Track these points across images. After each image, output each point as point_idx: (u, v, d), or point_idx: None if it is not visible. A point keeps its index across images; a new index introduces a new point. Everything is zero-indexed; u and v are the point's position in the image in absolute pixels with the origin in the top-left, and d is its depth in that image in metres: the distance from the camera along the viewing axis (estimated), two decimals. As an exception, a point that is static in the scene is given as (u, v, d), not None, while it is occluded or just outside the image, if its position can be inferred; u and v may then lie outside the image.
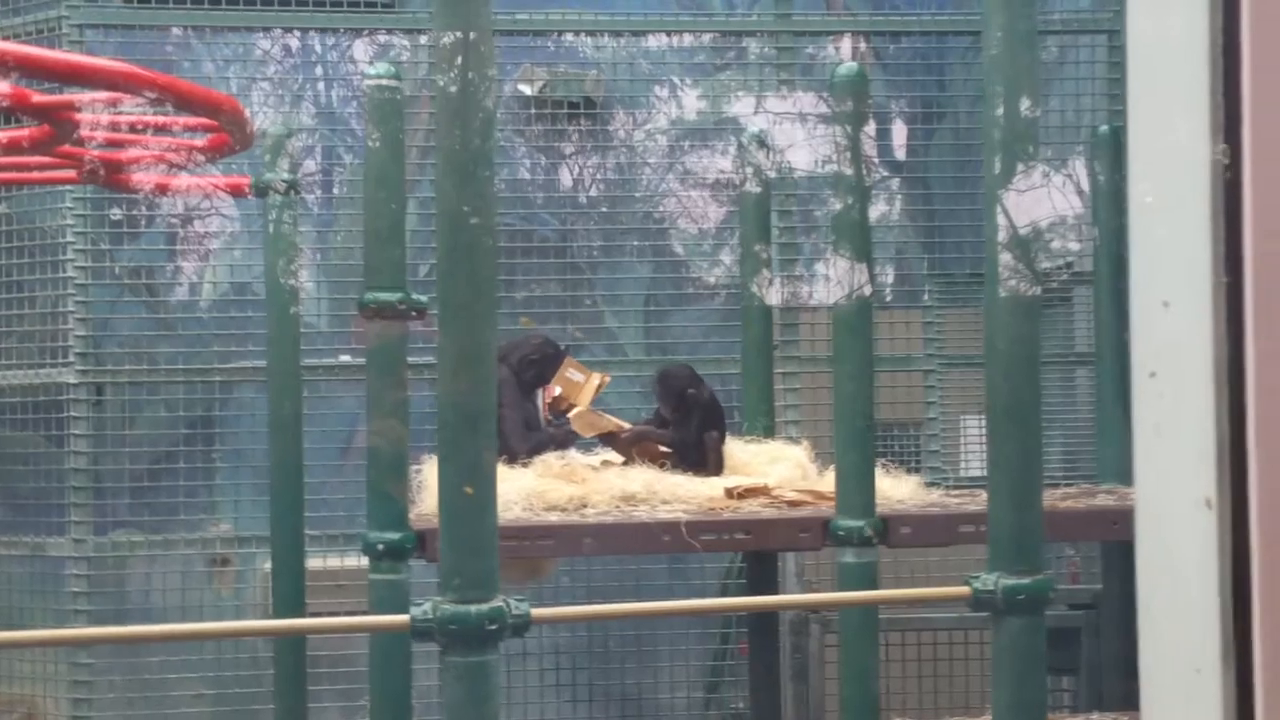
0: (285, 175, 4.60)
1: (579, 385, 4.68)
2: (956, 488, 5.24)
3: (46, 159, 3.87)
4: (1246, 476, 1.47)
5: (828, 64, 6.32)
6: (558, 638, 5.94)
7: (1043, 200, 3.23)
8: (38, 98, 3.24)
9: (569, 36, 6.49)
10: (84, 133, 3.55)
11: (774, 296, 5.49)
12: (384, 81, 3.86)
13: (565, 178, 6.53)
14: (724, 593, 5.95)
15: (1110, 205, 4.90)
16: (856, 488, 3.93)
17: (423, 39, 6.19)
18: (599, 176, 6.53)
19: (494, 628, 2.63)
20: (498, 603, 2.64)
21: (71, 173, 4.18)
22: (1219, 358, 1.50)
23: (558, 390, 4.70)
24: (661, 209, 6.49)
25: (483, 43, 2.70)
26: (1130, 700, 4.56)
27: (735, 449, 4.71)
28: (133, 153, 3.95)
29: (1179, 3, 1.55)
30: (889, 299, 6.53)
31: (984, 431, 3.26)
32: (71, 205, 5.78)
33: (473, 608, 2.61)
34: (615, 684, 6.02)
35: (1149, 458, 1.63)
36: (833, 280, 4.07)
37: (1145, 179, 1.63)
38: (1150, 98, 1.63)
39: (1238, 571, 1.48)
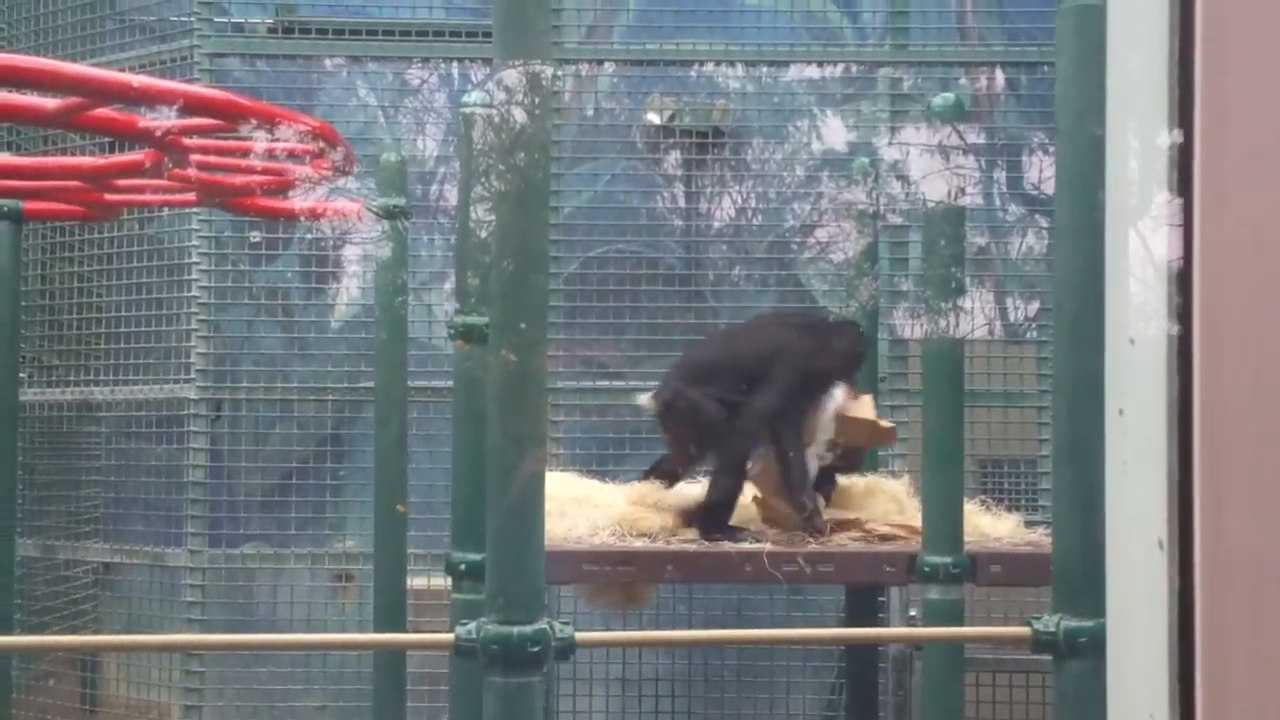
0: (397, 201, 4.73)
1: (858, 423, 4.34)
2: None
3: (164, 182, 4.05)
4: (1193, 519, 1.45)
5: (962, 94, 6.24)
6: (657, 664, 5.93)
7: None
8: (143, 123, 3.40)
9: (706, 66, 6.53)
10: (194, 157, 3.70)
11: (914, 330, 5.46)
12: (479, 110, 3.95)
13: (692, 206, 6.57)
14: (839, 625, 5.89)
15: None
16: (944, 523, 3.90)
17: (568, 68, 6.30)
18: (726, 205, 6.55)
19: (536, 650, 2.67)
20: (541, 625, 2.69)
21: (191, 195, 4.37)
22: (1172, 396, 1.48)
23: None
24: (786, 238, 6.49)
25: (542, 73, 2.76)
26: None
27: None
28: (235, 177, 4.11)
29: (1141, 47, 1.55)
30: (1026, 333, 6.42)
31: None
32: (197, 227, 6.01)
33: (515, 629, 2.66)
34: (728, 713, 6.00)
35: (1116, 496, 1.61)
36: (930, 312, 4.05)
37: (1112, 215, 1.63)
38: (1120, 126, 1.62)
39: (1184, 615, 1.46)
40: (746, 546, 3.99)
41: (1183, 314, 1.46)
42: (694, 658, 6.00)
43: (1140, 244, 1.54)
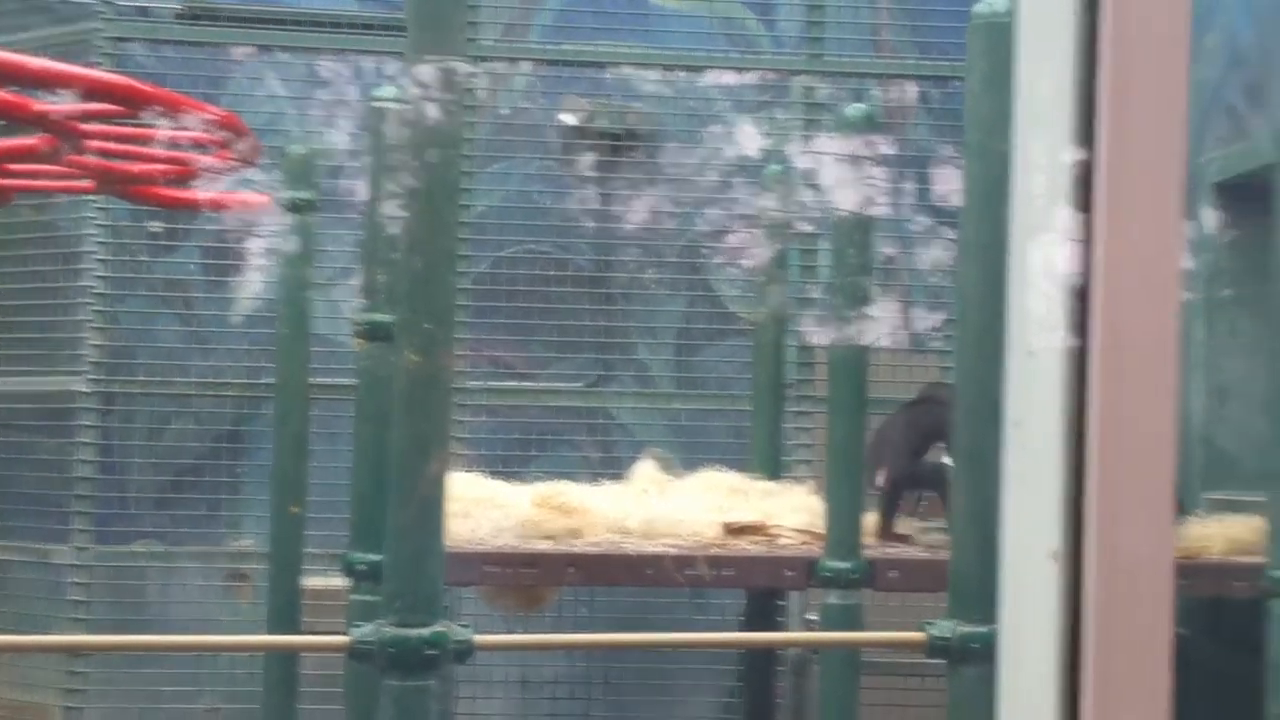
0: (304, 194, 4.66)
1: None
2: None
3: (62, 168, 3.96)
4: (1086, 531, 1.46)
5: (874, 106, 6.30)
6: (556, 668, 5.92)
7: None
8: (39, 106, 3.32)
9: (623, 69, 6.52)
10: (93, 144, 3.63)
11: (793, 335, 5.50)
12: (391, 105, 3.91)
13: (605, 208, 6.56)
14: (738, 629, 5.92)
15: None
16: (844, 529, 3.92)
17: (484, 66, 6.25)
18: (639, 208, 6.55)
19: (434, 653, 2.65)
20: (440, 627, 2.66)
21: (89, 182, 4.28)
22: (1069, 409, 1.49)
23: None
24: (700, 243, 6.50)
25: (456, 70, 2.74)
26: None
27: (737, 484, 4.70)
28: (136, 165, 4.03)
29: (1048, 67, 1.57)
30: (927, 343, 6.48)
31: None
32: (95, 215, 5.89)
33: (413, 631, 2.63)
34: (619, 716, 6.00)
35: (1010, 508, 1.62)
36: (839, 321, 4.07)
37: (1018, 223, 1.64)
38: (1025, 141, 1.64)
39: (1075, 627, 1.47)
40: (650, 550, 3.99)
41: (1081, 327, 1.47)
42: (594, 661, 5.99)
43: (1042, 258, 1.56)
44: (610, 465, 5.82)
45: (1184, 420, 4.32)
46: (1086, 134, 1.52)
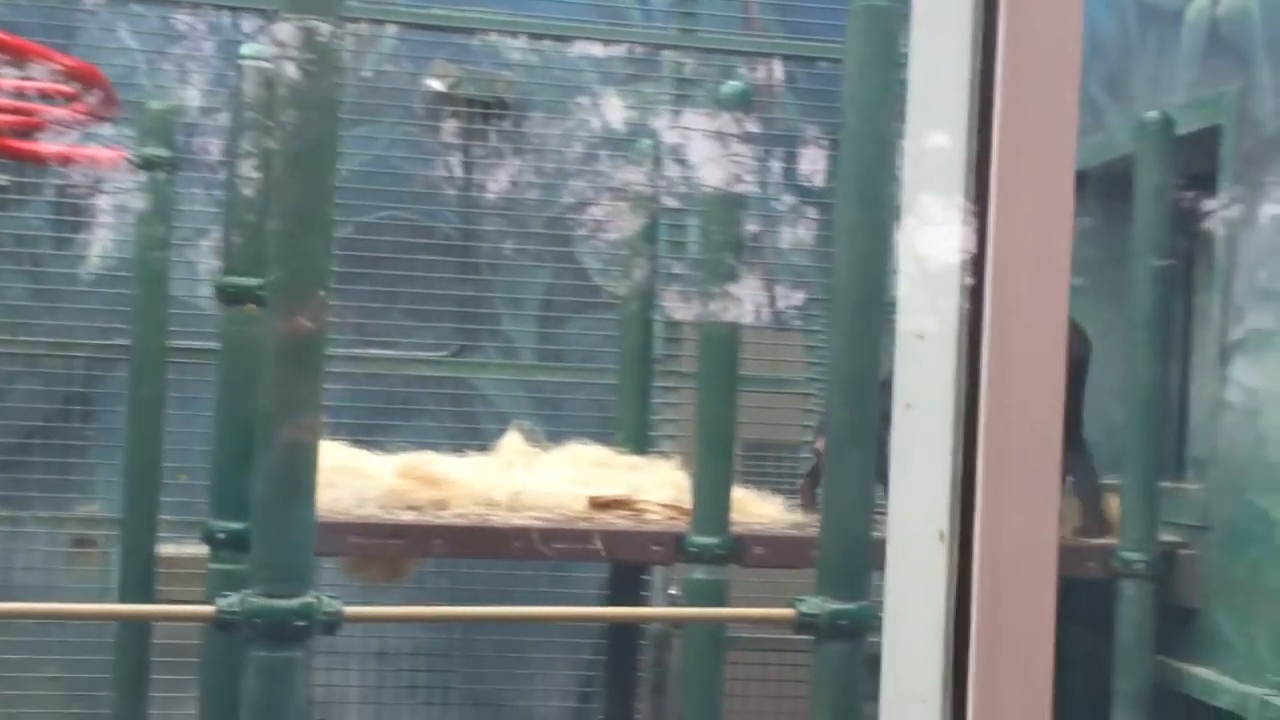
0: (160, 151, 4.53)
1: None
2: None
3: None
4: (974, 511, 1.48)
5: (740, 83, 6.31)
6: (417, 639, 5.87)
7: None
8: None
9: (492, 36, 6.45)
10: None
11: (659, 310, 5.51)
12: (262, 63, 3.81)
13: (471, 177, 6.49)
14: (598, 603, 5.93)
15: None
16: (712, 504, 3.94)
17: (349, 26, 6.13)
18: (506, 178, 6.50)
19: (303, 624, 2.60)
20: (308, 598, 2.62)
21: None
22: (959, 394, 1.51)
23: None
24: (565, 215, 6.47)
25: (330, 30, 2.68)
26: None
27: (603, 458, 4.70)
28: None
29: (945, 57, 1.57)
30: (790, 321, 6.54)
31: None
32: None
33: (281, 602, 2.59)
34: (482, 689, 5.97)
35: (898, 489, 1.64)
36: (710, 297, 4.09)
37: (909, 211, 1.65)
38: (918, 130, 1.65)
39: (961, 606, 1.49)
40: (518, 522, 3.97)
41: (973, 313, 1.49)
42: (453, 632, 5.96)
43: (935, 246, 1.57)
44: (472, 436, 5.78)
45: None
46: (981, 123, 1.53)
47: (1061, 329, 1.51)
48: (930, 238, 1.59)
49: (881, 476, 4.28)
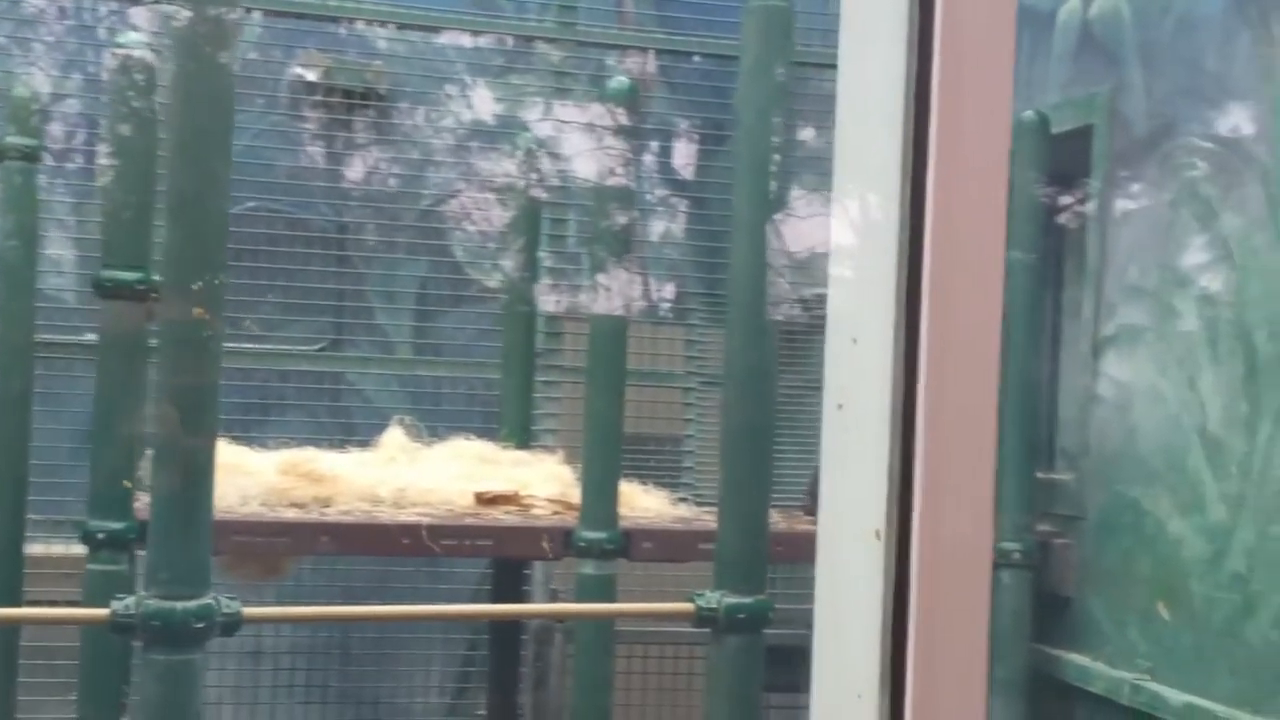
0: (25, 140, 4.39)
1: None
2: (709, 505, 5.28)
3: None
4: (911, 510, 1.51)
5: (614, 76, 6.33)
6: (296, 637, 5.80)
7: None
8: None
9: (358, 25, 6.37)
10: None
11: (542, 304, 5.50)
12: (135, 53, 3.73)
13: (343, 168, 6.41)
14: (475, 599, 5.91)
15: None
16: (601, 499, 3.95)
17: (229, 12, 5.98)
18: (378, 170, 6.42)
19: (201, 626, 2.56)
20: (207, 600, 2.57)
21: None
22: (895, 395, 1.54)
23: None
24: (440, 207, 6.42)
25: (225, 21, 2.63)
26: None
27: (487, 453, 4.69)
28: None
29: (876, 55, 1.59)
30: (662, 315, 6.57)
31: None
32: None
33: (179, 604, 2.54)
34: (354, 686, 5.91)
35: (831, 487, 1.66)
36: (596, 291, 4.09)
37: (839, 218, 1.67)
38: (847, 144, 1.67)
39: (898, 602, 1.52)
40: (405, 519, 3.94)
41: (910, 315, 1.52)
42: (333, 631, 5.89)
43: (868, 249, 1.60)
44: (347, 432, 5.71)
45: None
46: (918, 124, 1.56)
47: (996, 329, 1.55)
48: (863, 240, 1.62)
49: None
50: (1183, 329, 3.49)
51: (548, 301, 5.76)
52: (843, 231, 1.68)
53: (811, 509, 4.51)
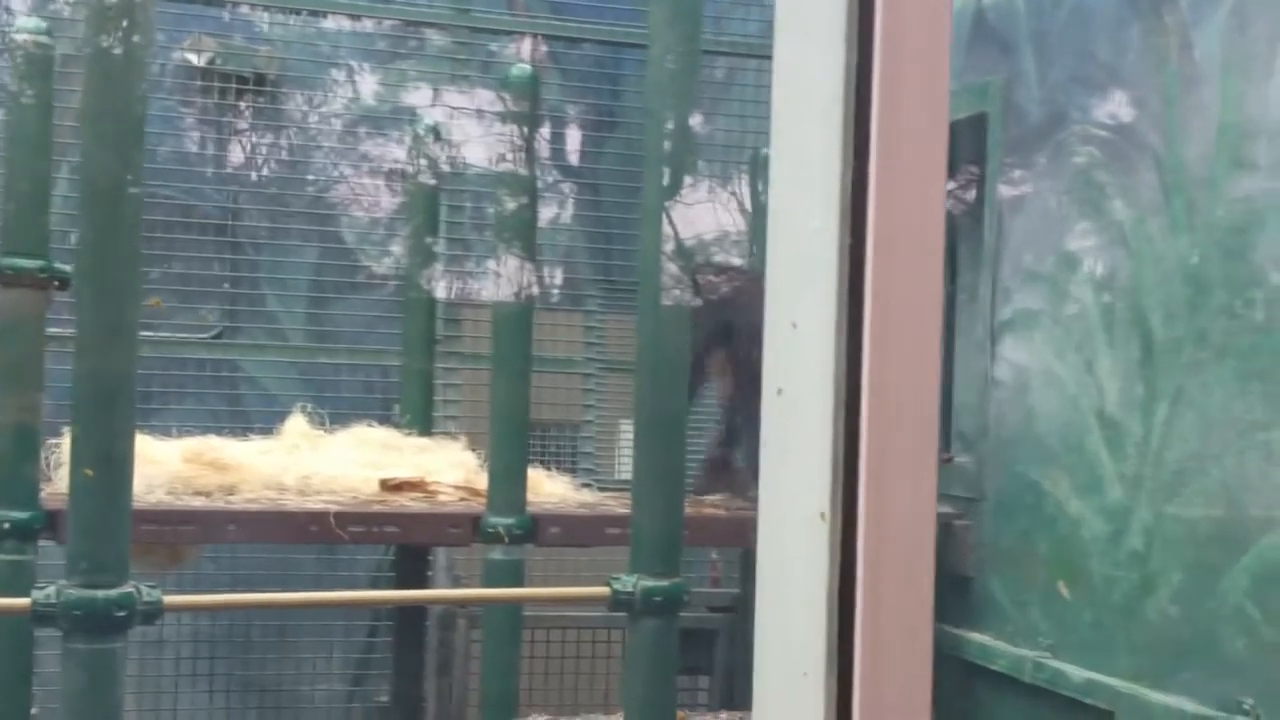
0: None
1: None
2: (610, 490, 5.33)
3: None
4: (857, 492, 1.56)
5: (507, 62, 6.33)
6: (198, 626, 5.74)
7: (705, 214, 3.34)
8: None
9: (243, 9, 6.30)
10: None
11: (441, 290, 5.49)
12: (35, 37, 3.67)
13: (232, 154, 6.33)
14: (374, 585, 5.89)
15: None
16: (508, 486, 3.96)
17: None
18: (268, 156, 6.36)
19: (123, 614, 2.54)
20: (128, 588, 2.55)
21: None
22: (839, 378, 1.58)
23: None
24: (332, 194, 6.37)
25: (144, 6, 2.60)
26: (757, 699, 4.77)
27: (390, 440, 4.68)
28: None
29: (815, 43, 1.64)
30: (555, 301, 6.59)
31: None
32: None
33: (100, 593, 2.52)
34: (255, 674, 5.87)
35: (772, 471, 1.70)
36: (499, 278, 4.10)
37: (777, 202, 1.71)
38: (787, 129, 1.71)
39: (845, 582, 1.57)
40: (312, 506, 3.93)
41: (854, 300, 1.56)
42: (234, 619, 5.84)
43: (809, 238, 1.64)
44: (242, 419, 5.66)
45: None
46: (859, 109, 1.60)
47: (938, 313, 1.61)
48: (802, 225, 1.66)
49: None
50: (1079, 313, 3.60)
51: (447, 288, 5.76)
52: (781, 216, 1.72)
53: (704, 490, 4.59)
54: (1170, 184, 3.25)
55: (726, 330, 4.45)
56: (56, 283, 3.64)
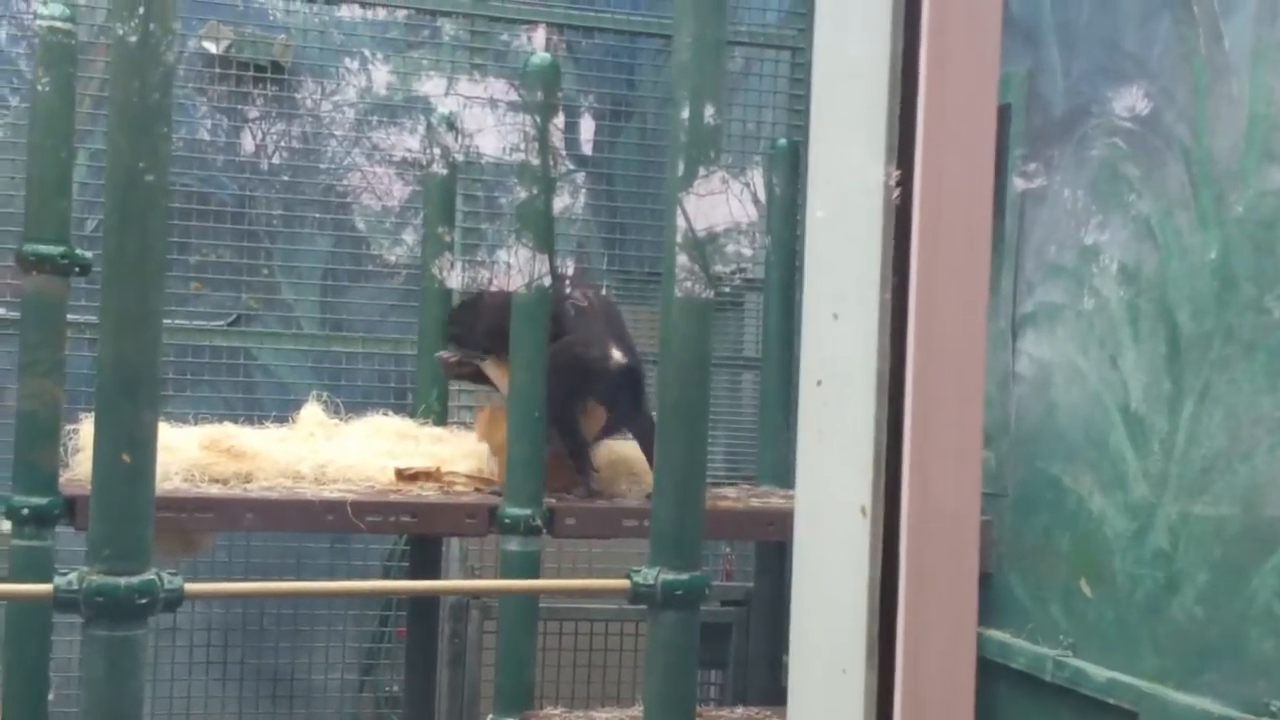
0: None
1: None
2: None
3: None
4: (900, 486, 1.54)
5: (521, 52, 6.32)
6: (211, 614, 5.74)
7: (721, 206, 3.31)
8: None
9: (266, -2, 6.29)
10: None
11: (455, 280, 5.46)
12: (57, 23, 3.65)
13: (248, 142, 6.32)
14: (386, 575, 5.89)
15: (784, 216, 5.07)
16: (525, 476, 3.95)
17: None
18: (283, 144, 6.35)
19: (144, 601, 2.53)
20: (150, 575, 2.54)
21: None
22: (881, 370, 1.57)
23: None
24: (346, 183, 6.36)
25: (169, -7, 2.58)
26: (773, 695, 4.75)
27: (405, 429, 4.66)
28: None
29: (860, 29, 1.62)
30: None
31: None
32: None
33: (123, 580, 2.51)
34: (268, 663, 5.87)
35: (810, 463, 1.69)
36: (514, 268, 4.08)
37: (820, 195, 1.69)
38: (829, 118, 1.69)
39: (886, 578, 1.56)
40: (329, 495, 3.92)
41: (898, 292, 1.55)
42: (246, 607, 5.84)
43: (849, 226, 1.62)
44: (256, 407, 5.66)
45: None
46: (905, 109, 1.58)
47: (983, 304, 1.59)
48: (844, 217, 1.64)
49: None
50: (1104, 307, 3.57)
51: (464, 278, 5.73)
52: (821, 208, 1.70)
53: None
54: (1198, 177, 3.23)
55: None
56: (78, 269, 3.63)
